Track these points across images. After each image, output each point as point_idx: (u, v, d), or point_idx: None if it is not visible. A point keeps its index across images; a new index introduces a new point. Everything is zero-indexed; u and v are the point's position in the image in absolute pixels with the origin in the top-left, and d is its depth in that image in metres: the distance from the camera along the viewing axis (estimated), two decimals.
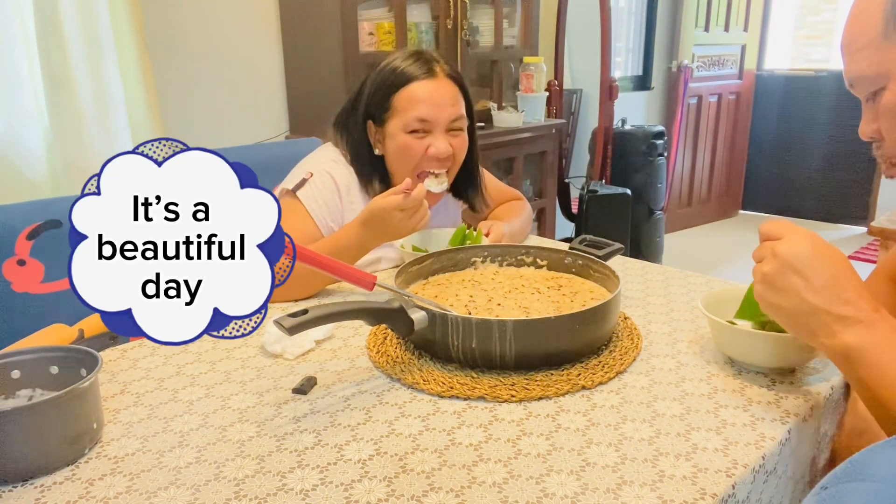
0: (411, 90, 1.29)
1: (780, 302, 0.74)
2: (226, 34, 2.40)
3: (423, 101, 1.29)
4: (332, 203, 1.30)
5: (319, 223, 1.28)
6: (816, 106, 4.83)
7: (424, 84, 1.29)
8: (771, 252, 0.74)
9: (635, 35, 4.29)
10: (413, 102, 1.29)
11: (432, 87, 1.30)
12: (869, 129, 0.78)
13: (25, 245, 0.83)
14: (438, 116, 1.29)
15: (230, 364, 0.94)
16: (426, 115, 1.29)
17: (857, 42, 0.75)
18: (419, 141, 1.30)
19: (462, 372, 0.88)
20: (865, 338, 0.69)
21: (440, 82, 1.31)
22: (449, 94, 1.31)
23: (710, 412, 0.79)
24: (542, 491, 0.65)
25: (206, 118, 2.38)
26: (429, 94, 1.29)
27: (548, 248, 1.17)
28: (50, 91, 1.84)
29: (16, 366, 0.78)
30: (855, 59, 0.76)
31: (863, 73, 0.75)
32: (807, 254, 0.72)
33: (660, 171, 3.74)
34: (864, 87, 0.77)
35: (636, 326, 1.02)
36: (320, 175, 1.31)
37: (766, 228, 0.78)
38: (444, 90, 1.31)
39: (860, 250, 4.33)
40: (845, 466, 0.41)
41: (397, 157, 1.32)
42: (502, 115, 2.84)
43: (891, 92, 0.73)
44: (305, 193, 1.28)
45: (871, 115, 0.77)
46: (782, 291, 0.73)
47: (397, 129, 1.30)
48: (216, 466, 0.70)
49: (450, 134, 1.32)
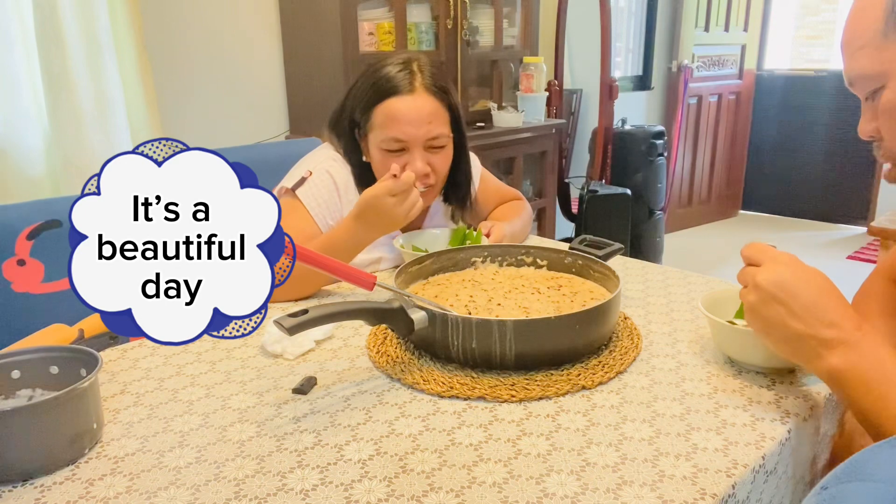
0: (389, 107, 1.25)
1: (767, 330, 0.76)
2: (226, 34, 2.40)
3: (399, 119, 1.25)
4: (331, 202, 1.30)
5: (319, 221, 1.28)
6: (816, 106, 4.83)
7: (402, 101, 1.25)
8: (753, 282, 0.76)
9: (635, 35, 4.29)
10: (389, 120, 1.25)
11: (409, 103, 1.25)
12: (868, 127, 0.78)
13: (25, 245, 0.83)
14: (414, 135, 1.25)
15: (230, 364, 0.94)
16: (401, 136, 1.25)
17: (858, 40, 0.75)
18: (396, 159, 1.26)
19: (462, 372, 0.88)
20: (850, 358, 0.70)
21: (417, 98, 1.26)
22: (427, 111, 1.26)
23: (710, 412, 0.79)
24: (542, 491, 0.65)
25: (205, 118, 2.38)
26: (405, 112, 1.25)
27: (548, 248, 1.17)
28: (49, 91, 1.84)
29: (16, 366, 0.78)
30: (855, 57, 0.75)
31: (862, 71, 0.75)
32: (786, 281, 0.73)
33: (660, 171, 3.74)
34: (863, 86, 0.76)
35: (636, 326, 1.02)
36: (319, 174, 1.30)
37: (748, 253, 0.79)
38: (422, 106, 1.26)
39: (860, 250, 4.33)
40: (845, 466, 0.41)
41: (377, 170, 1.30)
42: (502, 115, 2.84)
43: (890, 91, 0.73)
44: (305, 192, 1.28)
45: (871, 114, 0.77)
46: (767, 320, 0.75)
47: (374, 144, 1.28)
48: (216, 466, 0.70)
49: (429, 151, 1.28)
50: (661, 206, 3.80)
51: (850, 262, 4.14)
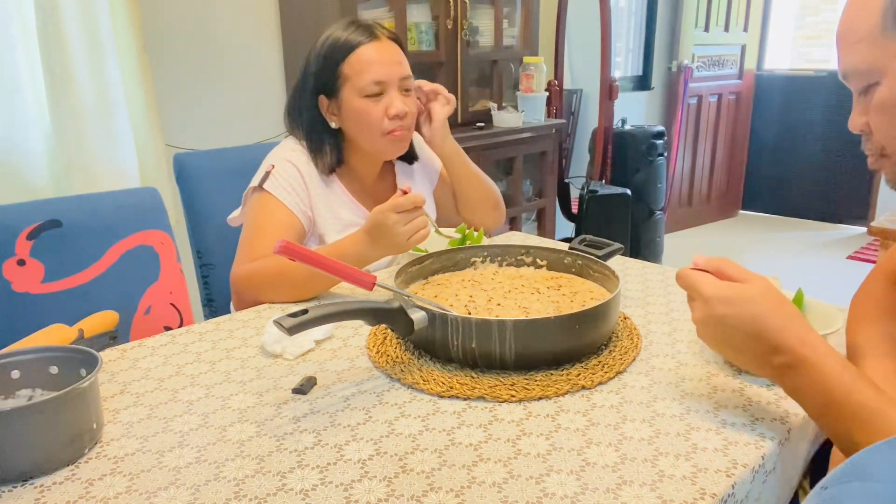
0: (360, 54, 1.29)
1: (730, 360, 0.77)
2: (226, 34, 2.40)
3: (374, 62, 1.29)
4: (298, 188, 1.31)
5: (293, 208, 1.29)
6: (816, 106, 4.83)
7: (371, 46, 1.30)
8: (692, 318, 0.76)
9: (635, 35, 4.29)
10: (365, 65, 1.29)
11: (379, 47, 1.30)
12: (859, 121, 0.78)
13: (25, 245, 0.84)
14: (391, 75, 1.30)
15: (230, 364, 0.94)
16: (381, 76, 1.29)
17: (854, 34, 0.74)
18: (376, 104, 1.30)
19: (462, 372, 0.88)
20: (796, 380, 0.70)
21: (384, 43, 1.31)
22: (396, 53, 1.32)
23: (710, 412, 0.79)
24: (542, 491, 0.65)
25: (206, 118, 2.38)
26: (378, 56, 1.29)
27: (548, 248, 1.17)
28: (51, 91, 1.84)
29: (16, 366, 0.78)
30: (851, 51, 0.75)
31: (857, 66, 0.74)
32: (715, 322, 0.72)
33: (660, 171, 3.74)
34: (857, 80, 0.76)
35: (636, 326, 1.02)
36: (282, 164, 1.32)
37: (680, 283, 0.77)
38: (391, 50, 1.31)
39: (860, 250, 4.33)
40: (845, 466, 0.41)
41: (357, 123, 1.32)
42: (502, 115, 2.84)
43: (885, 88, 0.72)
44: (272, 184, 1.29)
45: (862, 108, 0.77)
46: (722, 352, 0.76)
47: (352, 95, 1.30)
48: (216, 466, 0.70)
49: (402, 94, 1.33)
50: (661, 206, 3.80)
51: (850, 262, 4.14)
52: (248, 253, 1.24)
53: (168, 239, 1.38)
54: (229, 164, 1.57)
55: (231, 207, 1.42)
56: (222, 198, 1.52)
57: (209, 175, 1.54)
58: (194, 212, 1.53)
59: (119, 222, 1.31)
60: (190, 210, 1.53)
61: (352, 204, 1.37)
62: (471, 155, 1.54)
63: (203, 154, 1.62)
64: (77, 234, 1.23)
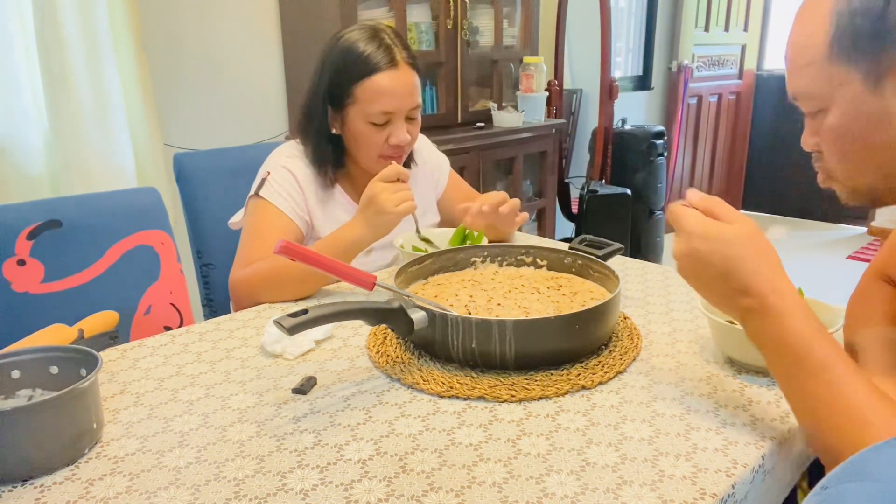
0: (375, 82, 1.27)
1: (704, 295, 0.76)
2: (225, 34, 2.40)
3: (387, 93, 1.28)
4: (295, 194, 1.32)
5: (289, 213, 1.30)
6: None
7: (388, 75, 1.28)
8: (672, 252, 0.76)
9: (635, 35, 4.29)
10: (377, 95, 1.28)
11: (395, 78, 1.28)
12: (811, 141, 0.79)
13: (25, 245, 0.84)
14: (401, 107, 1.30)
15: (230, 364, 0.94)
16: (390, 108, 1.29)
17: (801, 58, 0.74)
18: (379, 132, 1.30)
19: (462, 372, 0.88)
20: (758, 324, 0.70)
21: (402, 72, 1.29)
22: (410, 84, 1.31)
23: (710, 412, 0.79)
24: (542, 491, 0.65)
25: (205, 118, 2.38)
26: (392, 87, 1.28)
27: (548, 248, 1.17)
28: (49, 91, 1.84)
29: (16, 366, 0.78)
30: (798, 74, 0.75)
31: (806, 90, 0.75)
32: (691, 257, 0.72)
33: (660, 171, 3.74)
34: (806, 104, 0.77)
35: (636, 326, 1.02)
36: (277, 171, 1.33)
37: (668, 218, 0.77)
38: (407, 80, 1.30)
39: (860, 250, 4.33)
40: (845, 466, 0.41)
41: (355, 143, 1.33)
42: (502, 115, 2.84)
43: (832, 116, 0.73)
44: (268, 191, 1.30)
45: (813, 129, 0.78)
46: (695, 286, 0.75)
47: (357, 117, 1.30)
48: (216, 466, 0.70)
49: (407, 121, 1.33)
50: (661, 205, 3.80)
51: (850, 262, 4.14)
52: (246, 258, 1.25)
53: (168, 239, 1.38)
54: (229, 164, 1.57)
55: (231, 207, 1.42)
56: (222, 197, 1.52)
57: (209, 175, 1.54)
58: (194, 212, 1.53)
59: (119, 222, 1.31)
60: (190, 210, 1.53)
61: (350, 207, 1.37)
62: (471, 155, 1.55)
63: (203, 154, 1.62)
64: (77, 234, 1.23)
